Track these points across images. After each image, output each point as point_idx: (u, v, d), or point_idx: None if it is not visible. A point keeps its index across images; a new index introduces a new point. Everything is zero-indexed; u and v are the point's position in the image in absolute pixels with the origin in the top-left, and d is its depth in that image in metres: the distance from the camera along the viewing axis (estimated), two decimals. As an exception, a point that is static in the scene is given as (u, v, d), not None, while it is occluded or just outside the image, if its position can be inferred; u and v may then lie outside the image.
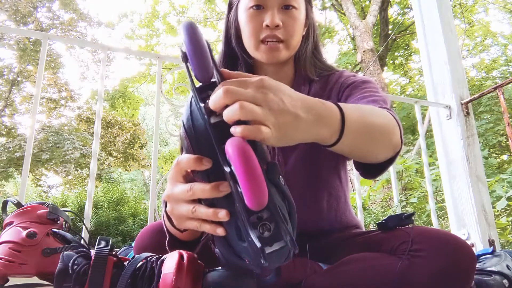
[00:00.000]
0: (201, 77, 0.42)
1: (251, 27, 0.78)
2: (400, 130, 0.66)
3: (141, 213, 3.02)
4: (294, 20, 0.79)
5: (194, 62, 0.41)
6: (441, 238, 0.67)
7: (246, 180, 0.36)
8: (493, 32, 11.17)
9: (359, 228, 0.97)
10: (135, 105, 13.05)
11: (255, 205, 0.37)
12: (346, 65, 8.93)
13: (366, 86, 0.79)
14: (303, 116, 0.45)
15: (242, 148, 0.37)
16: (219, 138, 0.41)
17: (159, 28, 12.19)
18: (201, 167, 0.43)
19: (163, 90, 1.50)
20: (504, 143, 7.31)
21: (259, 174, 0.37)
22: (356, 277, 0.71)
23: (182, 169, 0.45)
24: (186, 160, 0.44)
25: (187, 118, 0.44)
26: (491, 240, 1.77)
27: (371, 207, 3.56)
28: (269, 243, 0.41)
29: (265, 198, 0.37)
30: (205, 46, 0.41)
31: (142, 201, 3.76)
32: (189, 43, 0.40)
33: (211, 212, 0.43)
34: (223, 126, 0.41)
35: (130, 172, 14.39)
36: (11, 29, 2.10)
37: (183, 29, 0.41)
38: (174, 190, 0.47)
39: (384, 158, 0.66)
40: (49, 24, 11.38)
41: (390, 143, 0.63)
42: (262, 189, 0.37)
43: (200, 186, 0.44)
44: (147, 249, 0.74)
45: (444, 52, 2.08)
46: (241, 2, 0.81)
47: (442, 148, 2.04)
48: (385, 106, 0.71)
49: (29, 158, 1.25)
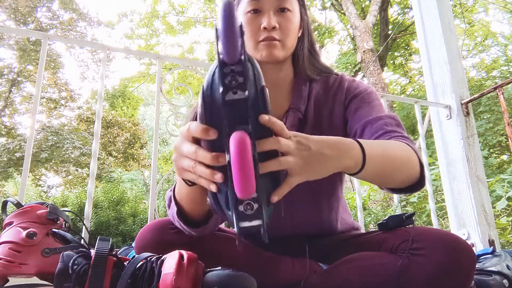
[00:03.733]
0: (228, 57, 0.45)
1: (249, 29, 0.83)
2: (419, 162, 0.73)
3: (141, 213, 3.03)
4: (289, 22, 0.84)
5: (224, 42, 0.43)
6: (442, 237, 0.67)
7: (237, 173, 0.42)
8: (493, 32, 11.17)
9: (358, 230, 0.98)
10: (135, 105, 13.05)
11: (241, 195, 0.43)
12: (346, 65, 8.93)
13: (373, 102, 0.85)
14: (327, 153, 0.56)
15: (241, 145, 0.43)
16: (229, 115, 0.46)
17: (159, 28, 12.20)
18: (206, 136, 0.48)
19: (163, 90, 1.50)
20: (504, 143, 7.31)
21: (250, 172, 0.42)
22: (356, 276, 0.71)
23: (190, 133, 0.50)
24: (195, 127, 0.49)
25: (207, 86, 0.48)
26: (491, 240, 1.77)
27: (371, 207, 3.56)
28: (248, 219, 0.47)
29: (250, 192, 0.43)
30: (236, 29, 0.43)
31: (142, 201, 3.76)
32: (223, 22, 0.43)
33: (208, 172, 0.49)
34: (235, 105, 0.46)
35: (130, 172, 14.39)
36: (11, 29, 2.11)
37: (221, 7, 0.44)
38: (182, 147, 0.53)
39: (404, 185, 0.74)
40: (49, 24, 11.38)
41: (410, 173, 0.71)
42: (250, 185, 0.43)
43: (203, 153, 0.49)
44: (148, 247, 0.76)
45: (444, 52, 2.08)
46: (240, 7, 0.86)
47: (442, 148, 2.04)
48: (402, 134, 0.78)
49: (29, 158, 1.25)
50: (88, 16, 11.77)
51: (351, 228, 0.96)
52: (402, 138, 0.76)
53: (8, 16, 10.38)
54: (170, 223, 0.78)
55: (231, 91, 0.46)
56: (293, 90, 0.90)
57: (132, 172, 15.59)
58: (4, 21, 10.39)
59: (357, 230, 0.98)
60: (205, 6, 11.99)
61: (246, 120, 0.47)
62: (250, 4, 0.83)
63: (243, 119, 0.46)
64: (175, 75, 11.82)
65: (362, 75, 8.86)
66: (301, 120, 0.88)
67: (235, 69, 0.45)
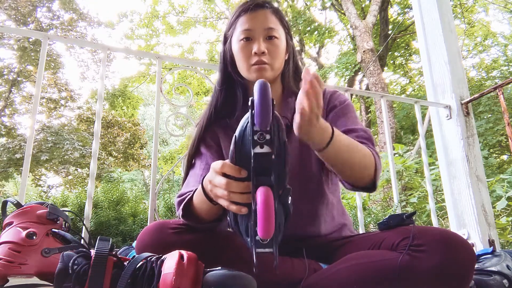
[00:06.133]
0: (260, 126, 0.56)
1: (242, 55, 0.97)
2: (376, 169, 0.84)
3: (141, 213, 3.02)
4: (276, 47, 0.97)
5: (259, 114, 0.55)
6: (442, 235, 0.69)
7: (262, 223, 0.53)
8: (493, 32, 11.17)
9: (346, 226, 1.02)
10: (135, 105, 13.04)
11: (263, 237, 0.55)
12: (346, 65, 8.93)
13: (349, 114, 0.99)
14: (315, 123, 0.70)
15: (267, 201, 0.54)
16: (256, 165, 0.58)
17: (159, 28, 12.19)
18: (238, 175, 0.61)
19: (163, 90, 1.50)
20: (504, 143, 7.31)
21: (272, 221, 0.54)
22: (357, 274, 0.72)
23: (223, 170, 0.63)
24: (229, 167, 0.62)
25: (239, 136, 0.60)
26: (491, 240, 1.77)
27: (371, 207, 3.56)
28: (263, 247, 0.59)
29: (270, 236, 0.54)
30: (270, 106, 0.55)
31: (142, 201, 3.76)
32: (260, 98, 0.55)
33: (235, 208, 0.62)
34: (261, 157, 0.58)
35: (130, 172, 14.38)
36: (11, 29, 2.10)
37: (257, 85, 0.56)
38: (215, 179, 0.65)
39: (357, 184, 0.86)
40: (49, 24, 11.36)
41: (364, 173, 0.83)
42: (271, 231, 0.54)
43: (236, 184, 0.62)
44: (148, 246, 0.78)
45: (444, 52, 2.08)
46: (234, 36, 1.00)
47: (442, 148, 2.04)
48: (371, 145, 0.89)
49: (29, 158, 1.25)
50: (88, 16, 11.75)
51: (340, 226, 1.00)
52: (367, 146, 0.87)
53: (8, 16, 10.38)
54: (170, 224, 0.80)
55: (259, 145, 0.57)
56: (282, 103, 1.03)
57: (132, 172, 15.59)
58: (4, 21, 10.38)
59: (345, 226, 1.01)
60: (205, 6, 11.99)
61: (270, 171, 0.57)
62: (243, 33, 0.97)
63: (267, 169, 0.58)
64: (175, 75, 11.82)
65: (362, 75, 8.87)
66: (288, 126, 0.93)
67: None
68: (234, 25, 1.00)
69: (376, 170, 0.84)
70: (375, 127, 9.27)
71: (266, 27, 0.96)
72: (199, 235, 0.81)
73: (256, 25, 0.96)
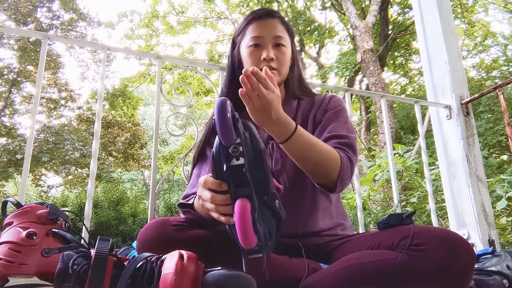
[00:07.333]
0: (225, 143, 0.59)
1: (251, 60, 1.03)
2: (340, 173, 0.88)
3: (141, 213, 3.02)
4: (283, 54, 1.04)
5: (219, 132, 0.58)
6: (442, 235, 0.69)
7: (239, 234, 0.57)
8: (493, 32, 11.16)
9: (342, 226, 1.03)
10: (135, 105, 13.04)
11: (245, 246, 0.58)
12: (346, 65, 8.93)
13: (339, 119, 1.03)
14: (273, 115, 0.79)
15: (242, 212, 0.57)
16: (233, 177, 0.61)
17: (159, 28, 12.19)
18: (220, 189, 0.65)
19: (163, 90, 1.50)
20: (504, 143, 7.31)
21: (249, 232, 0.56)
22: (357, 274, 0.72)
23: (207, 186, 0.67)
24: (211, 182, 0.66)
25: (216, 152, 0.62)
26: (491, 240, 1.77)
27: (371, 207, 3.56)
28: (253, 253, 0.62)
29: (251, 245, 0.57)
30: (229, 122, 0.57)
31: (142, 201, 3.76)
32: (217, 118, 0.58)
33: (223, 219, 0.66)
34: (237, 169, 0.60)
35: (130, 172, 14.38)
36: (11, 29, 2.10)
37: (215, 105, 0.59)
38: (203, 194, 0.69)
39: (321, 181, 0.91)
40: (49, 24, 11.36)
41: (326, 173, 0.88)
42: (249, 242, 0.57)
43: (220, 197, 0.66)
44: (149, 242, 0.80)
45: (444, 52, 2.08)
46: (243, 41, 1.06)
47: (442, 148, 2.04)
48: (349, 152, 0.93)
49: (29, 158, 1.25)
50: (88, 16, 11.74)
51: (338, 224, 1.02)
52: (342, 151, 0.92)
53: (8, 16, 10.37)
54: (172, 221, 0.82)
55: (234, 158, 0.59)
56: (284, 106, 1.06)
57: (132, 172, 15.58)
58: (4, 21, 10.38)
59: (344, 226, 1.03)
60: (205, 6, 11.98)
61: (248, 182, 0.59)
62: (253, 40, 1.03)
63: (244, 180, 0.59)
64: (175, 75, 11.82)
65: (362, 75, 8.87)
66: None
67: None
68: (244, 32, 1.06)
69: (341, 174, 0.88)
70: (375, 127, 9.27)
71: (274, 35, 1.03)
72: (200, 232, 0.82)
73: (266, 33, 1.02)
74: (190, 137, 13.35)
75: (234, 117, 0.59)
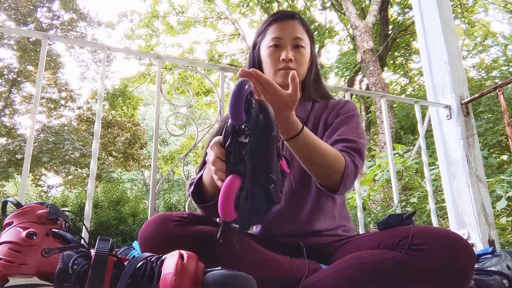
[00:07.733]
0: (232, 120, 0.60)
1: (271, 60, 1.05)
2: (343, 176, 0.88)
3: (141, 213, 3.02)
4: (302, 56, 1.06)
5: (229, 109, 0.58)
6: (442, 235, 0.69)
7: (220, 205, 0.58)
8: (493, 32, 11.16)
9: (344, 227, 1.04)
10: (135, 105, 13.05)
11: (223, 218, 0.59)
12: (346, 65, 8.93)
13: (349, 123, 1.04)
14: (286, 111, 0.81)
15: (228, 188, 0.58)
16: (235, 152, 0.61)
17: (159, 28, 12.19)
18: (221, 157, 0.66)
19: (163, 90, 1.50)
20: (504, 143, 7.31)
21: (229, 207, 0.58)
22: (357, 274, 0.72)
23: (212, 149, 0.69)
24: (216, 147, 0.68)
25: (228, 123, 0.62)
26: (491, 240, 1.77)
27: (371, 207, 3.56)
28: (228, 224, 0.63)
29: (228, 219, 0.59)
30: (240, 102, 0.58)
31: (142, 201, 3.76)
32: (231, 96, 0.58)
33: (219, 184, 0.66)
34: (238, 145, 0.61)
35: (130, 172, 14.38)
36: (11, 29, 2.10)
37: (235, 84, 0.59)
38: (209, 154, 0.71)
39: (324, 183, 0.91)
40: (49, 24, 11.36)
41: (328, 174, 0.89)
42: (227, 215, 0.58)
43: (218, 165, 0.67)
44: (151, 237, 0.80)
45: (444, 52, 2.08)
46: (263, 42, 1.08)
47: (442, 148, 2.04)
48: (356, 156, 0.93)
49: (29, 158, 1.25)
50: (88, 16, 11.74)
51: (340, 226, 1.02)
52: (348, 154, 0.92)
53: (8, 16, 10.37)
54: (173, 217, 0.82)
55: (243, 136, 0.60)
56: (299, 106, 1.09)
57: (132, 172, 15.59)
58: (4, 21, 10.38)
59: (346, 228, 1.03)
60: (205, 6, 11.98)
61: (245, 161, 0.60)
62: (273, 40, 1.05)
63: (243, 159, 0.60)
64: (175, 75, 11.82)
65: (362, 75, 8.87)
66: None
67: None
68: (264, 33, 1.09)
69: (344, 177, 0.88)
70: (375, 127, 9.27)
71: (294, 36, 1.05)
72: (202, 228, 0.82)
73: (286, 34, 1.05)
74: (190, 137, 13.35)
75: (248, 99, 0.59)
